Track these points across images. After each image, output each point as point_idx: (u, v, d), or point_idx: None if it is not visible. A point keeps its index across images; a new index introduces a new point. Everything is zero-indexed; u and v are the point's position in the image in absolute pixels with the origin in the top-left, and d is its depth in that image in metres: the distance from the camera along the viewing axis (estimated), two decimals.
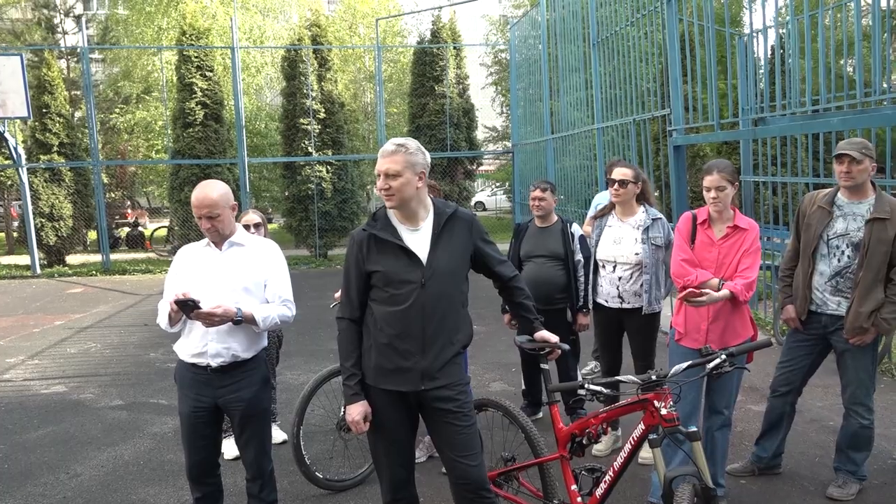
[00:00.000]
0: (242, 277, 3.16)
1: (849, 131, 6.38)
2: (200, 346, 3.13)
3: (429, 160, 2.78)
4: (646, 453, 4.11)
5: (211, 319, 2.98)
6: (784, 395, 3.96)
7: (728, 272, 3.46)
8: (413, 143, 2.74)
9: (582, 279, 4.71)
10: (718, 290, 3.39)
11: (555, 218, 4.90)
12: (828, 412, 5.03)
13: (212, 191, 3.12)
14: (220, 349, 3.11)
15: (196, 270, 3.19)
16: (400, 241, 2.73)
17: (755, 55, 7.80)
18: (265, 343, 3.33)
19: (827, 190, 3.81)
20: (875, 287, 3.53)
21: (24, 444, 4.88)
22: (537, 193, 4.81)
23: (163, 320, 3.18)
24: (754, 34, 7.82)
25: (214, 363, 3.12)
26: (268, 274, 3.23)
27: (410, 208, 2.77)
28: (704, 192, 3.55)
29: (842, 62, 7.00)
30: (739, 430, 4.78)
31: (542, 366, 3.16)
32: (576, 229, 4.84)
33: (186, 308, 2.94)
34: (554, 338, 2.99)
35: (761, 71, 7.87)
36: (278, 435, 4.66)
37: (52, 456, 4.65)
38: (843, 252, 3.64)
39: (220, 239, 3.20)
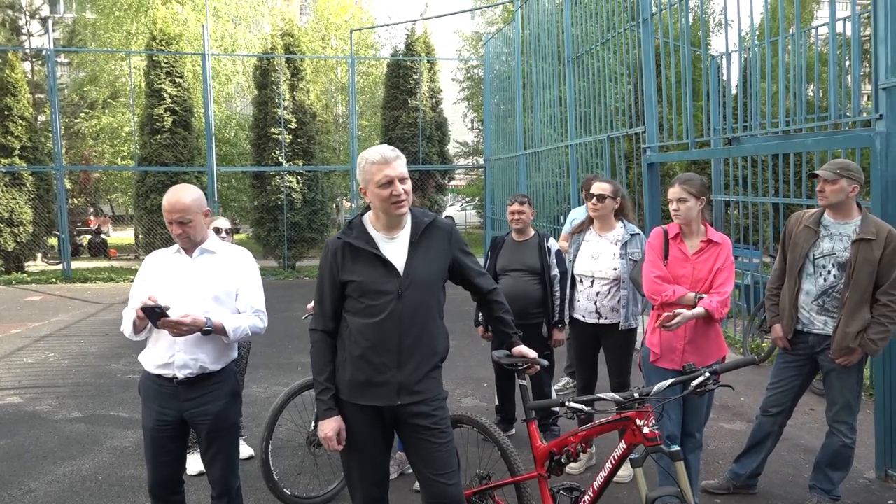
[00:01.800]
0: (213, 286, 3.05)
1: (820, 152, 6.48)
2: (167, 356, 3.00)
3: None
4: (623, 471, 4.07)
5: (179, 329, 2.86)
6: (775, 416, 3.95)
7: (703, 288, 3.44)
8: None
9: (558, 294, 4.67)
10: (695, 304, 3.37)
11: (532, 232, 4.86)
12: (799, 431, 5.04)
13: (184, 195, 3.01)
14: (188, 360, 2.99)
15: (165, 277, 3.06)
16: (376, 249, 2.64)
17: (723, 77, 7.91)
18: (235, 355, 3.21)
19: (814, 210, 3.83)
20: (861, 307, 3.54)
21: None
22: (516, 207, 4.76)
23: (127, 328, 3.04)
24: (720, 57, 7.98)
25: (181, 375, 2.99)
26: (240, 283, 3.12)
27: (401, 215, 2.69)
28: (670, 205, 3.55)
29: (808, 87, 7.12)
30: (712, 448, 4.77)
31: (520, 382, 3.09)
32: (552, 244, 4.80)
33: (153, 316, 2.81)
34: (532, 353, 2.93)
35: (734, 92, 7.98)
36: (245, 450, 4.51)
37: (4, 470, 4.43)
38: (829, 272, 3.65)
39: (191, 245, 3.08)
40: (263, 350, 7.50)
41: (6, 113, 13.65)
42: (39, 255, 15.64)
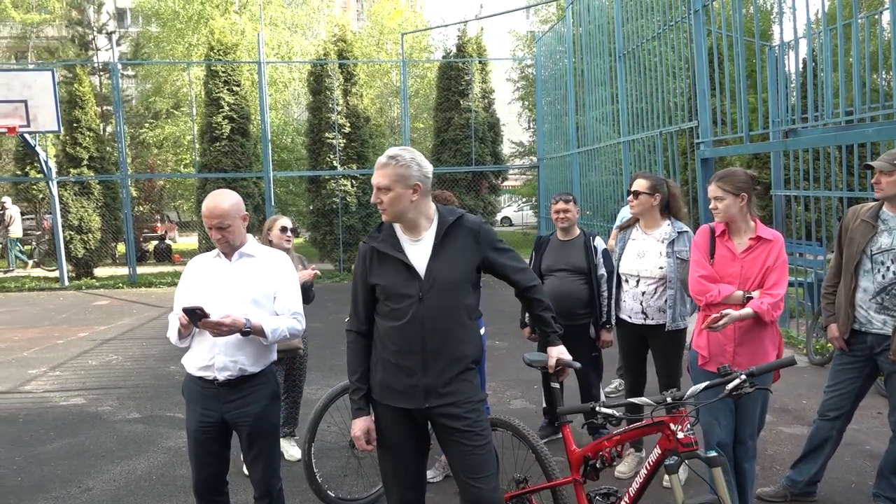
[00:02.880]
0: (252, 289, 3.09)
1: (885, 143, 6.17)
2: (207, 358, 3.06)
3: (427, 171, 2.67)
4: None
5: (219, 329, 2.91)
6: (833, 420, 3.76)
7: (752, 287, 3.29)
8: (407, 155, 2.64)
9: (605, 294, 4.57)
10: (743, 302, 3.23)
11: (577, 231, 4.77)
12: (865, 436, 4.80)
13: (222, 200, 3.07)
14: (228, 362, 3.04)
15: (205, 282, 3.13)
16: (399, 253, 2.65)
17: (786, 67, 7.61)
18: (274, 357, 3.24)
19: (871, 204, 3.64)
20: None
21: (39, 456, 4.84)
22: (560, 206, 4.69)
23: (172, 334, 3.12)
24: (786, 46, 7.65)
25: (221, 377, 3.04)
26: (278, 286, 3.15)
27: (409, 220, 2.68)
28: (710, 204, 3.42)
29: (875, 75, 6.79)
30: (770, 453, 4.59)
31: (553, 384, 3.03)
32: (599, 243, 4.70)
33: (194, 317, 2.87)
34: (566, 356, 2.86)
35: (792, 84, 7.68)
36: (296, 452, 4.60)
37: (65, 469, 4.61)
38: (888, 268, 3.45)
39: (230, 250, 3.14)
40: (317, 352, 7.58)
41: (75, 125, 14.21)
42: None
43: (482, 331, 3.44)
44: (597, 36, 10.92)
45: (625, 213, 5.85)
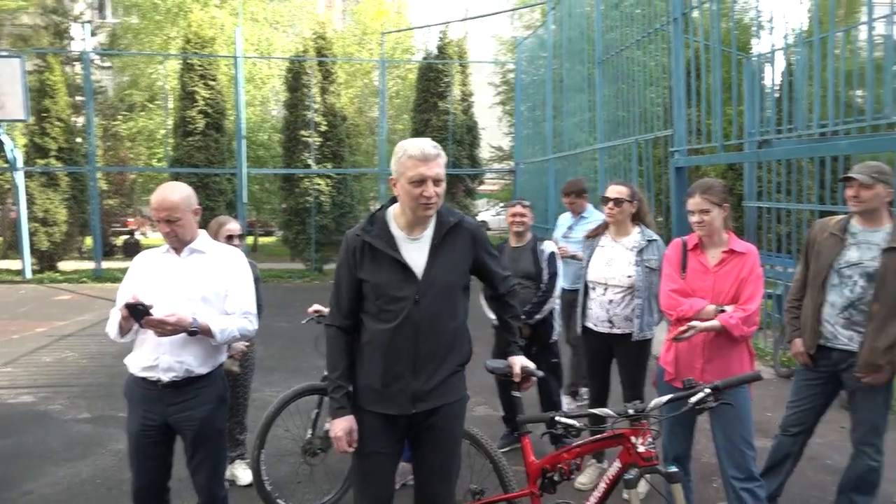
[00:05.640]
0: (201, 286, 2.95)
1: (857, 156, 6.17)
2: (152, 358, 2.91)
3: None
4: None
5: (163, 328, 2.76)
6: (795, 436, 3.69)
7: (724, 301, 3.20)
8: (438, 144, 2.53)
9: (542, 293, 4.55)
10: (715, 317, 3.14)
11: (529, 236, 4.75)
12: (827, 450, 4.76)
13: (172, 193, 2.93)
14: (173, 363, 2.90)
15: (152, 277, 2.98)
16: (396, 252, 2.51)
17: (762, 79, 7.61)
18: (223, 358, 3.10)
19: (839, 217, 3.57)
20: (890, 321, 3.26)
21: None
22: (518, 209, 4.68)
23: (112, 329, 2.96)
24: (762, 58, 7.66)
25: (166, 378, 2.90)
26: (229, 284, 3.02)
27: (428, 216, 2.54)
28: (689, 217, 3.31)
29: (851, 91, 6.79)
30: None
31: (514, 393, 2.92)
32: (546, 246, 4.69)
33: (137, 314, 2.72)
34: (530, 365, 2.76)
35: (768, 94, 7.68)
36: (245, 476, 4.14)
37: (5, 471, 4.40)
38: (855, 282, 3.38)
39: (179, 245, 3.00)
40: (281, 352, 7.44)
41: (44, 115, 13.90)
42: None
43: None
44: (577, 42, 10.89)
45: (564, 221, 5.84)
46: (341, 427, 2.52)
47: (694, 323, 3.07)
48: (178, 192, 2.95)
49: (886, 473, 3.60)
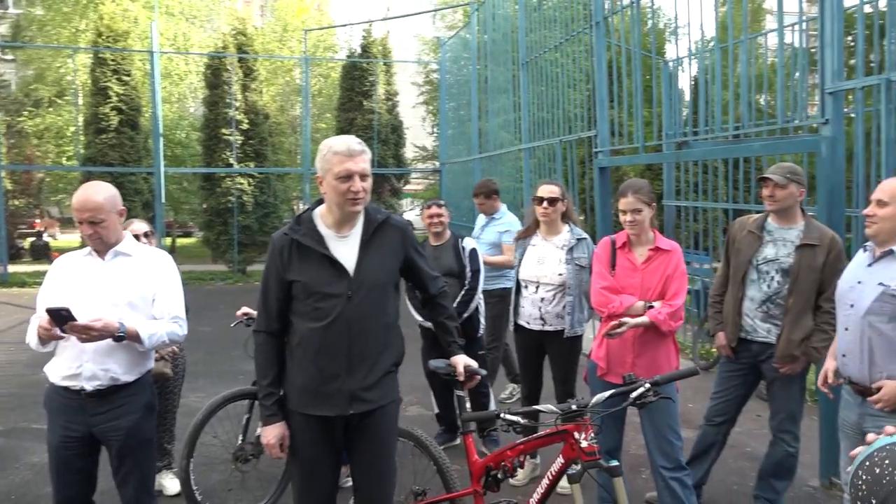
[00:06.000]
0: (127, 290, 2.83)
1: (767, 157, 6.50)
2: (74, 367, 2.77)
3: None
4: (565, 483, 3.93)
5: (88, 334, 2.63)
6: (719, 425, 3.85)
7: (652, 297, 3.32)
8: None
9: (466, 290, 4.61)
10: (644, 313, 3.25)
11: (448, 234, 4.80)
12: (745, 438, 4.99)
13: (96, 193, 2.80)
14: (97, 371, 2.77)
15: (74, 282, 2.84)
16: (325, 249, 2.48)
17: (678, 83, 7.90)
18: (150, 365, 2.99)
19: (757, 215, 3.75)
20: (805, 314, 3.46)
21: None
22: (434, 210, 4.73)
23: (32, 337, 2.80)
24: (678, 62, 7.97)
25: (90, 387, 2.77)
26: (157, 287, 2.91)
27: (356, 213, 2.53)
28: (620, 216, 3.41)
29: (758, 94, 7.15)
30: None
31: (458, 392, 2.94)
32: (468, 243, 4.75)
33: (59, 319, 2.58)
34: (473, 363, 2.78)
35: (686, 98, 8.00)
36: (173, 485, 4.04)
37: None
38: (772, 277, 3.56)
39: (103, 247, 2.87)
40: (205, 357, 7.22)
41: None
42: None
43: None
44: (501, 43, 11.01)
45: (479, 221, 5.88)
46: (273, 434, 2.49)
47: (626, 319, 3.17)
48: (101, 193, 2.82)
49: (801, 458, 3.81)
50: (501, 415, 2.60)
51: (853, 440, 2.88)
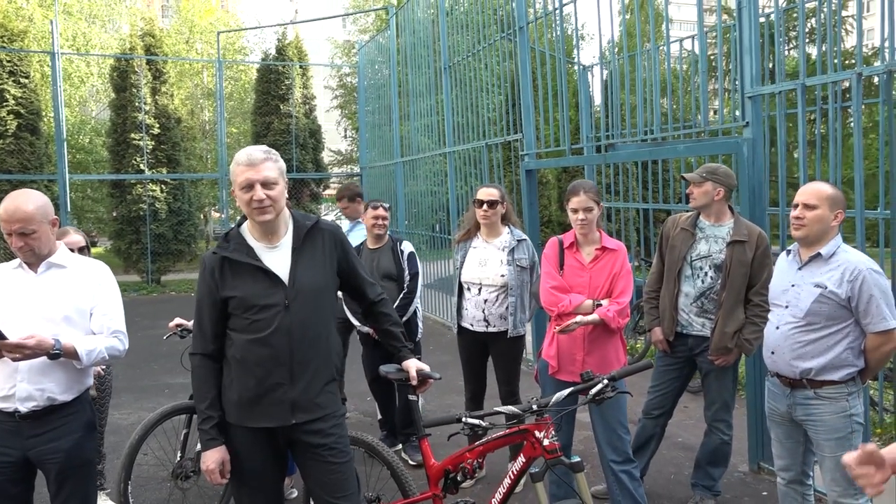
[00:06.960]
0: (63, 305, 2.68)
1: (685, 160, 6.81)
2: (7, 388, 2.60)
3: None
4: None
5: (21, 352, 2.47)
6: (657, 418, 3.99)
7: (600, 295, 3.41)
8: (274, 150, 2.47)
9: (405, 293, 4.61)
10: (593, 311, 3.33)
11: (386, 237, 4.79)
12: (677, 429, 5.18)
13: (26, 202, 2.63)
14: (32, 391, 2.60)
15: (4, 297, 2.66)
16: (256, 260, 2.43)
17: (590, 88, 8.17)
18: (89, 382, 2.84)
19: (689, 213, 3.91)
20: (737, 308, 3.63)
21: None
22: (381, 212, 4.69)
23: None
24: (588, 69, 8.28)
25: (24, 408, 2.60)
26: (95, 301, 2.76)
27: (277, 222, 2.48)
28: (571, 214, 3.48)
29: (664, 99, 7.48)
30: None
31: (411, 397, 2.92)
32: (406, 246, 4.76)
33: None
34: (425, 367, 2.78)
35: (600, 102, 8.28)
36: None
37: None
38: (706, 273, 3.73)
39: (35, 259, 2.70)
40: (126, 372, 6.89)
41: None
42: None
43: None
44: (420, 48, 11.04)
45: (345, 226, 5.61)
46: (213, 459, 2.41)
47: (578, 318, 3.24)
48: (32, 202, 2.65)
49: (733, 446, 3.99)
50: (463, 419, 2.61)
51: (784, 427, 3.07)
